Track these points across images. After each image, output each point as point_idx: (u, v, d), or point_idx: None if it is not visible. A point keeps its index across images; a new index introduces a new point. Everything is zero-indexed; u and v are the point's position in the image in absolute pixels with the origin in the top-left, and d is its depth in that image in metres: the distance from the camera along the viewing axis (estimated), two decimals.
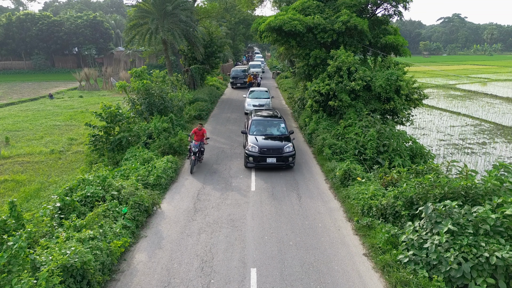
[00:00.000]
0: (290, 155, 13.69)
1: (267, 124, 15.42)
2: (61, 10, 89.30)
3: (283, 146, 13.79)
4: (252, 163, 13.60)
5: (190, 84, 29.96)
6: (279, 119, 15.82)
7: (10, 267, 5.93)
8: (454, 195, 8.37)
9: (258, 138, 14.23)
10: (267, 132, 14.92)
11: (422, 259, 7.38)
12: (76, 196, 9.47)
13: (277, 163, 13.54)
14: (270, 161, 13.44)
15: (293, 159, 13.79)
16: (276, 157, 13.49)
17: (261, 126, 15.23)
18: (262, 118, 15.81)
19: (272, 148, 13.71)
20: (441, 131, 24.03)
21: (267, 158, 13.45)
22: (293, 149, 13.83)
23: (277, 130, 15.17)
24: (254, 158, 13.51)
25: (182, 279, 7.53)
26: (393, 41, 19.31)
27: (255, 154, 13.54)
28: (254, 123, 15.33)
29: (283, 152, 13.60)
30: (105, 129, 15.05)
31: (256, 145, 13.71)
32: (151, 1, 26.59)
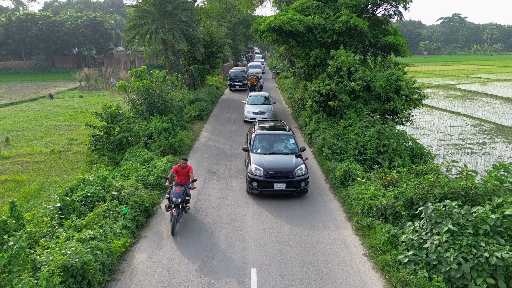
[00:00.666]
0: (303, 179, 11.29)
1: (273, 140, 13.05)
2: (61, 10, 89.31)
3: (294, 168, 11.38)
4: (257, 189, 11.28)
5: (190, 84, 29.97)
6: (287, 133, 13.46)
7: (10, 267, 5.94)
8: (454, 195, 8.38)
9: (264, 158, 11.87)
10: (274, 150, 12.65)
11: (422, 259, 7.39)
12: (76, 196, 9.48)
13: (287, 190, 11.23)
14: (278, 187, 11.15)
15: (306, 184, 11.44)
16: (286, 181, 11.15)
17: (266, 142, 12.87)
18: (268, 132, 13.45)
19: (281, 170, 11.34)
20: (441, 131, 24.03)
21: (275, 183, 11.16)
22: (306, 172, 11.49)
23: (286, 147, 12.85)
24: (258, 183, 11.20)
25: (182, 279, 7.54)
26: (393, 41, 19.32)
27: (259, 178, 11.22)
28: (258, 138, 12.93)
29: (294, 176, 11.22)
30: (105, 129, 15.06)
31: (261, 167, 11.36)
32: (151, 1, 26.60)
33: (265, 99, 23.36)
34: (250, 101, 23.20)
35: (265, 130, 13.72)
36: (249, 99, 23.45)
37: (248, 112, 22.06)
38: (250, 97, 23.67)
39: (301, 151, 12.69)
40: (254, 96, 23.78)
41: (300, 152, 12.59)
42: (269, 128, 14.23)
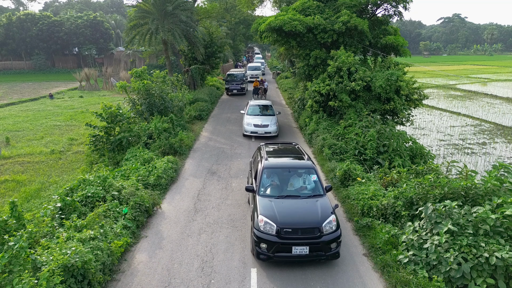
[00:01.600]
0: (334, 238, 7.79)
1: (288, 176, 9.35)
2: (61, 10, 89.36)
3: (322, 221, 7.85)
4: (266, 254, 7.75)
5: (190, 85, 29.99)
6: (306, 164, 9.66)
7: (11, 267, 5.96)
8: (454, 196, 8.39)
9: (276, 205, 8.25)
10: (290, 191, 9.00)
11: (422, 259, 7.40)
12: (76, 196, 9.49)
13: (311, 254, 7.74)
14: (298, 252, 7.68)
15: (337, 246, 7.92)
16: (309, 243, 7.69)
17: (277, 178, 9.27)
18: (280, 164, 9.82)
19: (303, 226, 7.82)
20: (441, 131, 24.05)
21: (294, 245, 7.69)
22: (337, 226, 7.96)
23: (305, 186, 9.20)
24: (269, 245, 7.70)
25: (182, 279, 7.55)
26: (393, 41, 19.34)
27: (271, 238, 7.70)
28: (267, 173, 9.29)
29: (322, 234, 7.72)
30: (105, 129, 15.08)
31: (273, 220, 7.87)
32: (151, 1, 26.63)
33: (268, 109, 20.01)
34: (250, 111, 19.73)
35: (276, 159, 10.17)
36: (249, 108, 19.96)
37: (248, 125, 18.52)
38: (250, 106, 20.21)
39: (327, 190, 9.11)
40: (255, 105, 20.40)
41: (326, 192, 9.04)
42: (281, 154, 10.87)
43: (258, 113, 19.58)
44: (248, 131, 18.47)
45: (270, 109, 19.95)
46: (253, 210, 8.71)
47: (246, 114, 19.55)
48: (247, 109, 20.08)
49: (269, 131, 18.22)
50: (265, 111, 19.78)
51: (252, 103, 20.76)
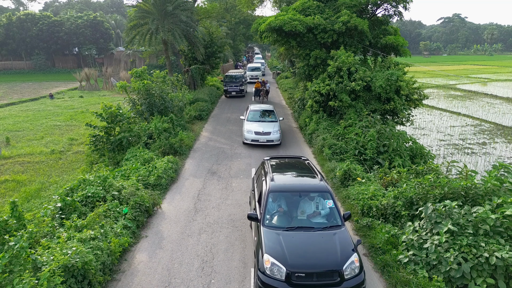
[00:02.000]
0: (356, 285, 6.42)
1: (298, 201, 7.90)
2: (61, 10, 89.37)
3: (341, 263, 6.50)
4: None
5: (190, 84, 29.99)
6: (319, 186, 8.17)
7: (11, 267, 5.96)
8: (454, 196, 8.40)
9: (285, 241, 6.85)
10: (301, 220, 7.56)
11: (422, 259, 7.41)
12: (77, 196, 9.49)
13: None
14: None
15: None
16: None
17: (285, 204, 7.84)
18: (288, 186, 8.24)
19: (318, 270, 6.45)
20: (441, 131, 24.05)
21: None
22: (360, 268, 6.59)
23: (319, 213, 7.79)
24: None
25: (182, 279, 7.55)
26: (393, 41, 19.34)
27: (280, 285, 6.31)
28: (273, 197, 7.83)
29: (343, 278, 6.37)
30: (105, 129, 15.09)
31: (282, 262, 6.48)
32: (152, 1, 26.63)
33: (270, 114, 18.47)
34: (250, 116, 18.17)
35: (283, 176, 8.76)
36: (249, 114, 18.38)
37: (248, 132, 16.95)
38: (251, 111, 18.60)
39: (345, 219, 7.63)
40: (255, 110, 18.78)
41: (344, 221, 7.58)
42: (288, 172, 9.31)
43: (259, 119, 18.04)
44: (249, 139, 16.84)
45: (272, 115, 18.40)
46: (257, 245, 7.16)
47: (246, 120, 17.84)
48: (247, 114, 18.41)
49: (271, 139, 16.75)
50: (267, 117, 18.28)
51: (253, 108, 18.97)
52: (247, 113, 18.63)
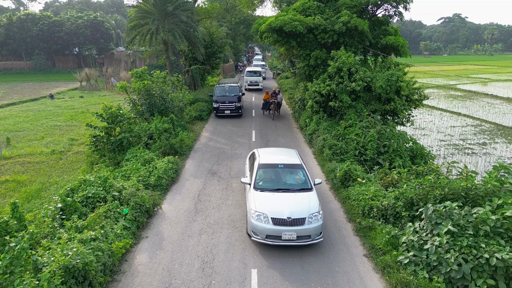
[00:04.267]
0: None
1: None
2: (61, 10, 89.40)
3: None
4: None
5: (190, 85, 30.01)
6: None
7: (12, 268, 5.97)
8: (454, 196, 8.40)
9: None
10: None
11: (422, 260, 7.41)
12: (77, 197, 9.50)
13: None
14: None
15: None
16: None
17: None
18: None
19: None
20: (442, 131, 24.05)
21: None
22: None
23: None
24: None
25: (183, 280, 7.56)
26: (394, 41, 19.33)
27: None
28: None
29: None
30: (106, 129, 15.10)
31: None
32: (152, 1, 26.65)
33: (296, 171, 10.19)
34: (260, 178, 9.91)
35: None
36: (258, 173, 10.00)
37: (257, 219, 8.68)
38: (260, 169, 10.11)
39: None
40: (268, 165, 10.24)
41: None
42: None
43: (277, 184, 9.75)
44: (261, 234, 8.54)
45: (300, 172, 10.06)
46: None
47: (253, 188, 9.52)
48: (255, 173, 9.99)
49: (305, 235, 8.48)
50: (292, 177, 10.01)
51: (264, 160, 10.42)
52: (255, 170, 10.04)
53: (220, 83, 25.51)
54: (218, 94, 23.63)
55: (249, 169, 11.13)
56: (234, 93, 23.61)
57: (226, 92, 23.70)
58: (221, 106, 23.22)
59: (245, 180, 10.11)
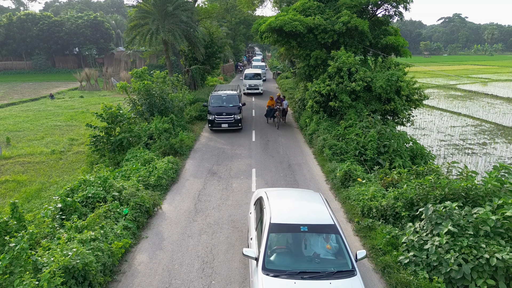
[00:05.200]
0: None
1: None
2: (61, 10, 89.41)
3: None
4: None
5: (190, 85, 30.01)
6: None
7: (12, 268, 5.97)
8: (455, 196, 8.39)
9: None
10: None
11: (423, 260, 7.40)
12: (77, 197, 9.49)
13: None
14: None
15: None
16: None
17: None
18: None
19: None
20: (442, 131, 24.04)
21: None
22: None
23: None
24: None
25: (183, 280, 7.55)
26: (394, 42, 19.31)
27: None
28: None
29: None
30: (106, 129, 15.09)
31: None
32: (152, 1, 26.65)
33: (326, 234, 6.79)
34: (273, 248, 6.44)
35: None
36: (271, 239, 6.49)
37: None
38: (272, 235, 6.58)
39: None
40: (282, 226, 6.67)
41: None
42: None
43: (300, 263, 6.30)
44: None
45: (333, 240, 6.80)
46: None
47: (262, 271, 6.03)
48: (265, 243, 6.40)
49: None
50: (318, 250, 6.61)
51: (277, 219, 6.79)
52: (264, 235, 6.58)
53: (216, 89, 22.11)
54: (214, 104, 20.15)
55: (255, 225, 7.48)
56: (233, 103, 20.27)
57: (223, 101, 20.40)
58: (217, 119, 19.66)
59: (248, 253, 6.35)
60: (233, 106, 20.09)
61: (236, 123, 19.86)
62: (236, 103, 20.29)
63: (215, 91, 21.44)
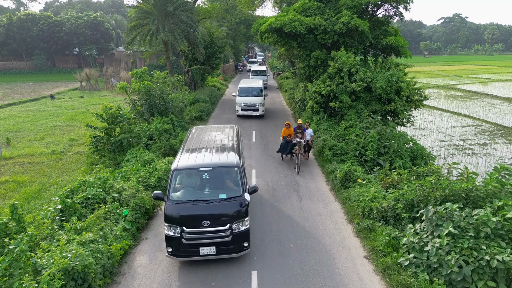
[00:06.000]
0: None
1: None
2: (61, 10, 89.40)
3: None
4: None
5: (190, 85, 29.99)
6: None
7: (11, 270, 5.96)
8: (455, 198, 8.37)
9: None
10: None
11: (423, 262, 7.39)
12: (77, 198, 9.49)
13: None
14: None
15: None
16: None
17: None
18: None
19: None
20: (442, 131, 24.02)
21: None
22: None
23: None
24: None
25: (183, 282, 7.54)
26: (394, 42, 19.32)
27: None
28: None
29: None
30: (106, 130, 15.08)
31: None
32: (152, 2, 26.64)
33: None
34: None
35: None
36: None
37: None
38: None
39: None
40: None
41: None
42: None
43: None
44: None
45: None
46: None
47: None
48: None
49: None
50: None
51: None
52: None
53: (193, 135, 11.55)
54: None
55: None
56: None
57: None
58: None
59: None
60: None
61: None
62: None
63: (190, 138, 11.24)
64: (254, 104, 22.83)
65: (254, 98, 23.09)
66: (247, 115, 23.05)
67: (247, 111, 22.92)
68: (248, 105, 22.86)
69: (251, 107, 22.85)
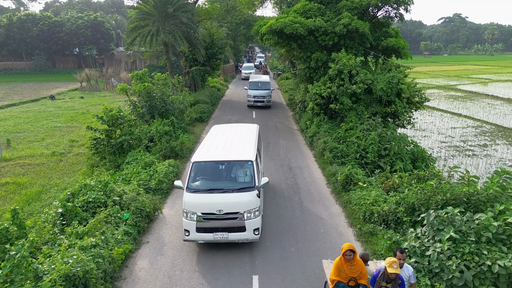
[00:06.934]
0: None
1: None
2: (62, 11, 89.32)
3: None
4: None
5: (191, 86, 29.96)
6: None
7: (12, 276, 5.95)
8: (456, 202, 8.36)
9: None
10: None
11: (424, 267, 7.37)
12: (78, 201, 9.48)
13: None
14: None
15: None
16: None
17: None
18: None
19: None
20: (442, 132, 24.01)
21: None
22: None
23: None
24: None
25: (184, 286, 7.53)
26: (394, 43, 19.29)
27: None
28: None
29: None
30: (106, 132, 15.06)
31: None
32: (152, 3, 26.61)
33: None
34: None
35: None
36: None
37: None
38: None
39: None
40: None
41: None
42: None
43: None
44: None
45: None
46: None
47: None
48: None
49: None
50: None
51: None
52: None
53: None
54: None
55: None
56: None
57: None
58: None
59: None
60: None
61: None
62: None
63: None
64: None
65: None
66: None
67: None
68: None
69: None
